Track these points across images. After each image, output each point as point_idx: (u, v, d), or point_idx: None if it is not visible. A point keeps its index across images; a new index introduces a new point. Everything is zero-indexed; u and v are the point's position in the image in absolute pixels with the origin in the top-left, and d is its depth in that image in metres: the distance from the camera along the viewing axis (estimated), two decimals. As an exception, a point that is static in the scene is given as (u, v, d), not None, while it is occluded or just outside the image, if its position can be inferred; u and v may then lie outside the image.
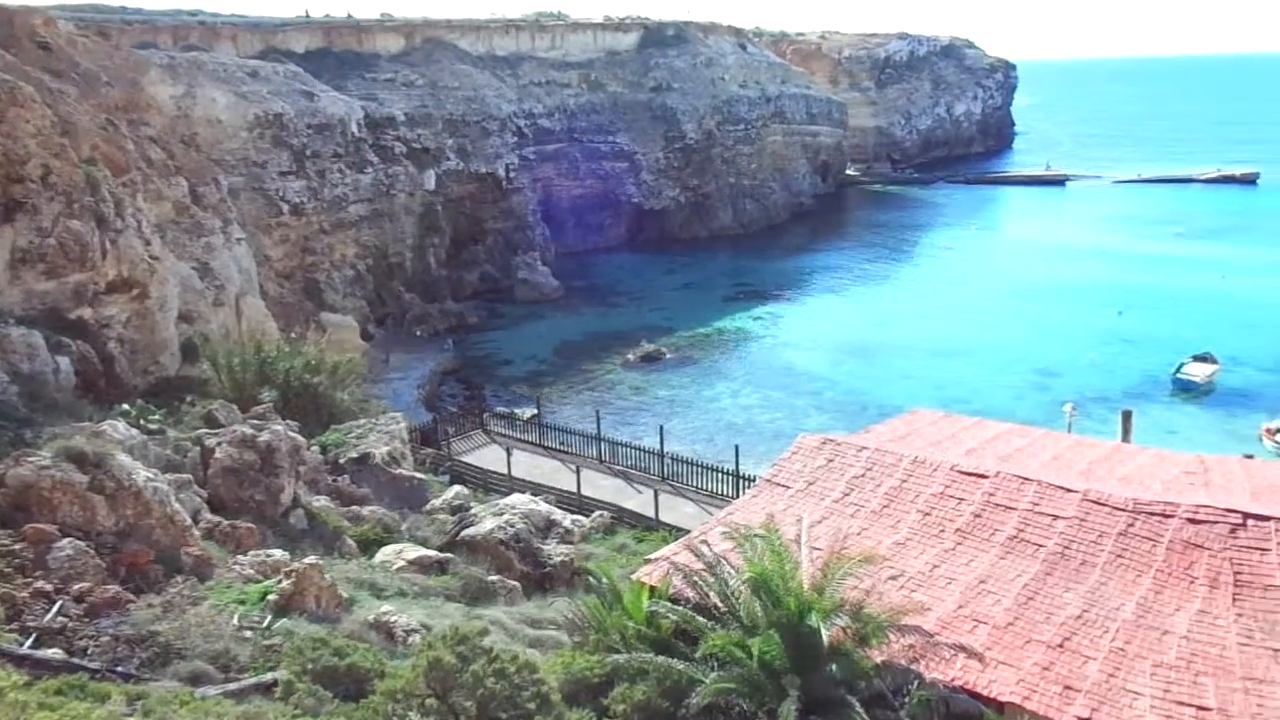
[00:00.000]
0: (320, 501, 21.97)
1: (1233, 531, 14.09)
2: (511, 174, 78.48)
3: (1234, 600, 13.19)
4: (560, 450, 35.76)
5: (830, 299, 72.84)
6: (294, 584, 14.24)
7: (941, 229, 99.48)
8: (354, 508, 22.75)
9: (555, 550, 23.26)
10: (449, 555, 20.90)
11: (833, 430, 35.15)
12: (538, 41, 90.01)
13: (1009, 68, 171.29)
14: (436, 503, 25.64)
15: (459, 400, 50.14)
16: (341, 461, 25.43)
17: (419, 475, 27.41)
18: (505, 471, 32.80)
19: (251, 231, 49.08)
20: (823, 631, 11.23)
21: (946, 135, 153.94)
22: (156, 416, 22.72)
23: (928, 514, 15.73)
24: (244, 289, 36.62)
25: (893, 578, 14.06)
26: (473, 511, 24.47)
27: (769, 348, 60.72)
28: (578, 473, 31.81)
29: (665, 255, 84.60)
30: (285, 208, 57.65)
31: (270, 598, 14.14)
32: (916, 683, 11.60)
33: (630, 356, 57.40)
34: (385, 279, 64.81)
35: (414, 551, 20.27)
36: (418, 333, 61.74)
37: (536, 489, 30.53)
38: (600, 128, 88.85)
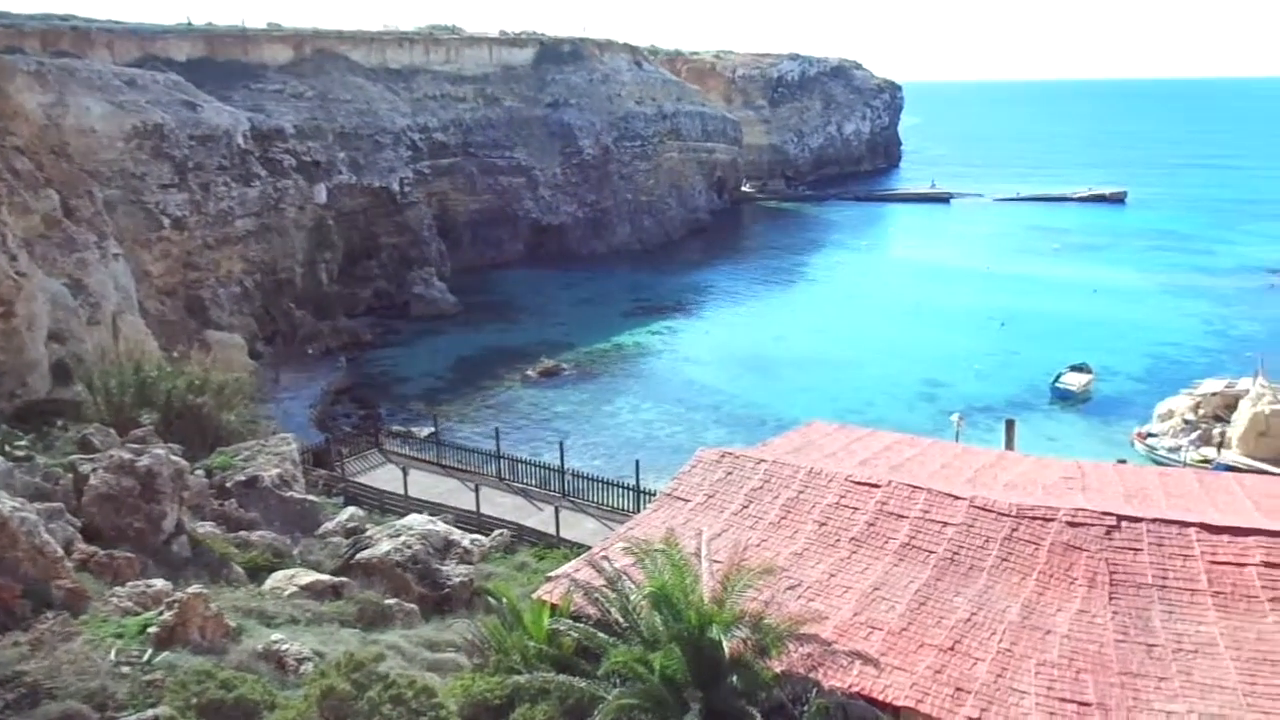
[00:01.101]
0: (206, 527, 21.04)
1: (1108, 533, 14.79)
2: (406, 188, 77.27)
3: (1110, 599, 13.83)
4: (459, 469, 35.24)
5: (728, 313, 73.87)
6: (176, 615, 13.57)
7: (834, 245, 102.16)
8: (242, 533, 21.86)
9: (454, 571, 22.80)
10: (343, 579, 20.26)
11: (732, 443, 35.54)
12: (432, 55, 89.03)
13: (895, 89, 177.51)
14: (330, 525, 24.86)
15: (353, 419, 48.89)
16: (228, 485, 24.42)
17: (311, 498, 26.54)
18: (402, 492, 32.14)
19: (130, 246, 46.97)
20: (723, 644, 11.30)
21: (837, 153, 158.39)
22: (23, 442, 21.43)
23: (824, 524, 16.02)
24: (121, 306, 34.94)
25: (791, 588, 14.25)
26: (368, 533, 23.80)
27: (668, 362, 61.17)
28: (477, 491, 31.38)
29: (564, 271, 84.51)
30: (166, 222, 55.34)
31: (151, 630, 13.43)
32: (815, 691, 11.75)
33: (529, 372, 57.01)
34: (274, 295, 62.85)
35: (306, 576, 19.58)
36: (309, 351, 60.04)
37: (434, 509, 29.94)
38: (497, 143, 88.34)
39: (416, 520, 25.28)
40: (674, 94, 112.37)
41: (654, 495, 23.42)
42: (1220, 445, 41.80)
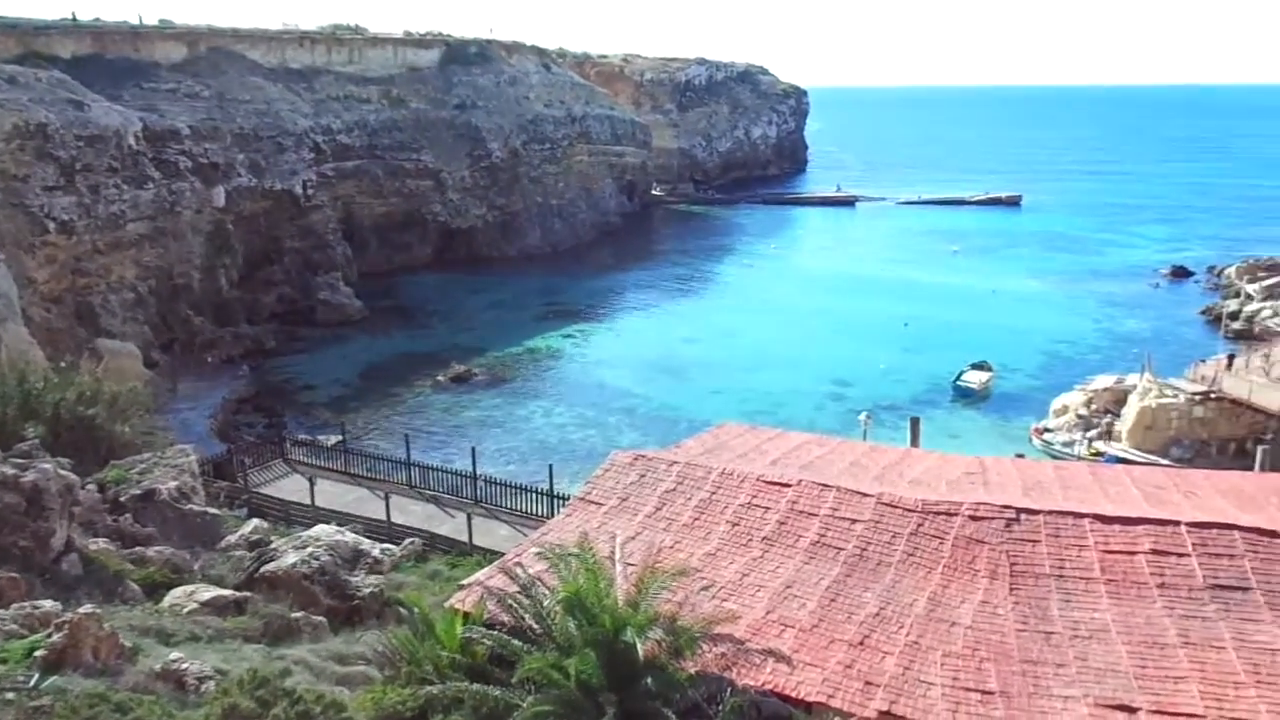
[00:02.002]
0: (99, 544, 20.14)
1: (1008, 526, 15.30)
2: (309, 191, 75.38)
3: (1011, 589, 14.30)
4: (368, 477, 34.55)
5: (640, 316, 74.13)
6: (66, 636, 12.93)
7: (743, 248, 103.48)
8: (138, 549, 20.99)
9: (364, 582, 22.33)
10: (247, 594, 19.64)
11: (645, 446, 35.68)
12: (335, 55, 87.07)
13: (801, 94, 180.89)
14: (232, 539, 24.06)
15: (257, 429, 47.38)
16: (123, 500, 23.42)
17: (212, 510, 25.65)
18: (309, 502, 31.33)
19: (11, 251, 44.72)
20: (638, 646, 11.30)
21: (745, 157, 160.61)
22: (-104, 459, 20.13)
23: (736, 524, 16.18)
24: (3, 314, 33.21)
25: (705, 588, 14.34)
26: (273, 545, 23.12)
27: (581, 366, 61.06)
28: (386, 500, 30.80)
29: (474, 275, 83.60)
30: (52, 226, 52.76)
31: (38, 653, 12.78)
32: (729, 690, 11.85)
33: (440, 378, 56.20)
34: (171, 302, 60.55)
35: (207, 592, 18.91)
36: (209, 359, 58.03)
37: (343, 519, 29.32)
38: (403, 145, 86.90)
39: (324, 531, 24.70)
40: (583, 97, 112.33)
41: (568, 500, 23.31)
42: (1111, 438, 43.71)
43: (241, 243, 68.60)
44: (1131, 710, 11.98)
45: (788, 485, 16.78)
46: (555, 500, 29.74)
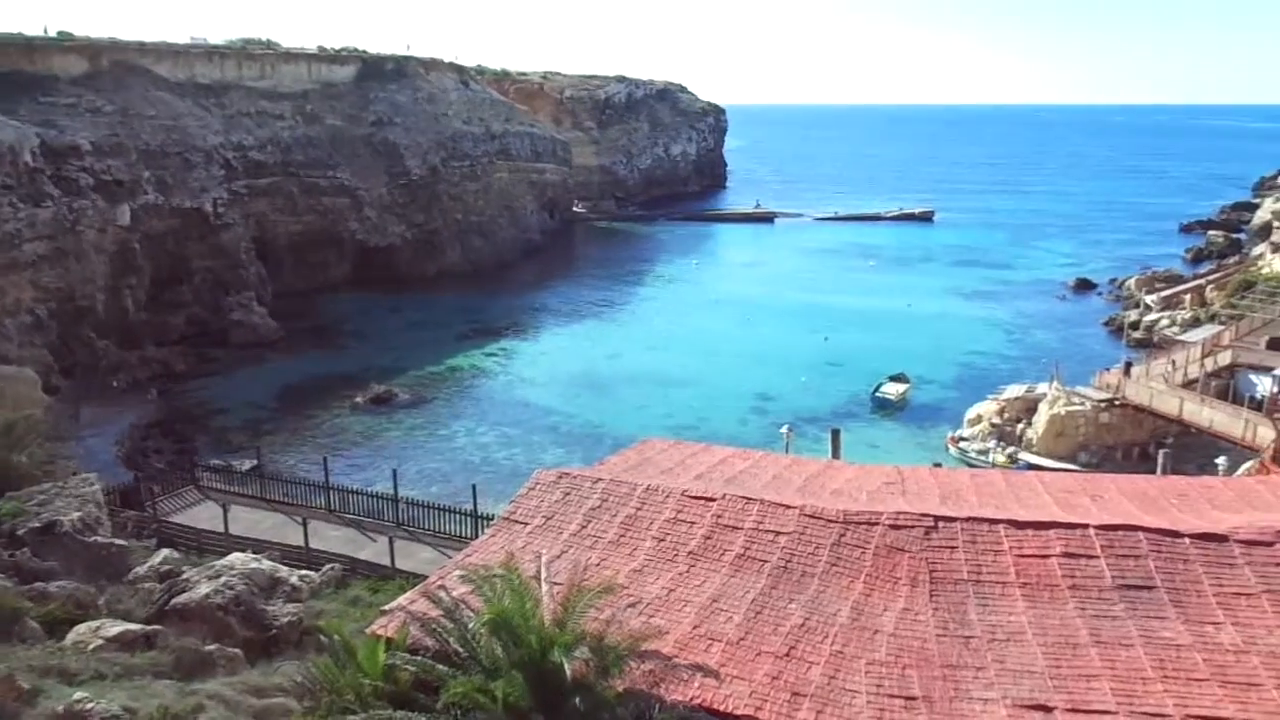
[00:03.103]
0: (-6, 581, 19.17)
1: (927, 534, 15.61)
2: (220, 209, 73.36)
3: (931, 596, 14.58)
4: (285, 502, 33.66)
5: (563, 334, 73.93)
6: (-41, 681, 12.26)
7: (665, 264, 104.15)
8: (38, 584, 20.05)
9: (282, 610, 21.69)
10: (157, 628, 18.90)
11: (570, 463, 35.56)
12: (246, 70, 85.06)
13: (719, 111, 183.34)
14: (141, 570, 23.17)
15: (167, 455, 45.77)
16: (20, 533, 22.37)
17: (119, 542, 24.68)
18: (222, 530, 30.37)
19: (-100, 274, 42.42)
20: (565, 666, 11.19)
21: (665, 174, 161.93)
22: None
23: (662, 540, 16.18)
24: (-110, 340, 31.50)
25: (631, 605, 14.28)
26: (185, 576, 22.31)
27: (504, 384, 60.56)
28: (305, 525, 30.04)
29: (393, 294, 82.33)
30: (-56, 246, 50.35)
31: (-73, 701, 12.08)
32: (658, 707, 11.81)
33: (359, 399, 55.11)
34: (72, 324, 58.16)
35: (114, 627, 18.14)
36: (115, 383, 55.90)
37: (259, 546, 28.45)
38: (319, 162, 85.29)
39: (239, 559, 23.95)
40: (502, 114, 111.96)
41: (492, 520, 23.03)
42: (1023, 446, 45.04)
43: (148, 262, 66.31)
44: (1047, 709, 12.29)
45: (712, 500, 16.86)
46: (479, 521, 29.36)
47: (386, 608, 15.16)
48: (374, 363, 62.44)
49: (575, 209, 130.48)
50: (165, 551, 25.61)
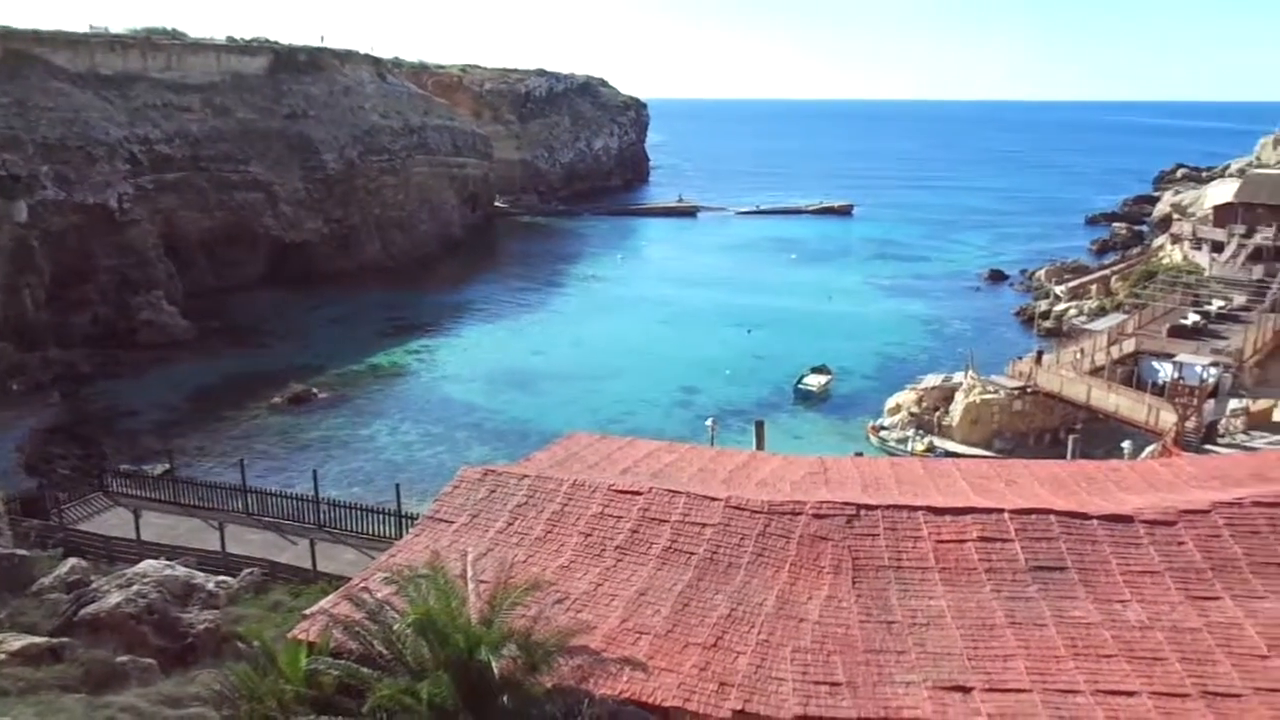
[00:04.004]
0: (-115, 597, 18.20)
1: (849, 522, 15.90)
2: (126, 205, 70.70)
3: (854, 583, 14.87)
4: (200, 507, 32.67)
5: (486, 329, 73.23)
6: None
7: (589, 258, 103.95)
8: (-66, 600, 19.10)
9: (198, 618, 21.07)
10: (65, 640, 18.18)
11: (495, 460, 35.25)
12: (151, 61, 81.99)
13: (641, 106, 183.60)
14: (47, 581, 22.25)
15: (72, 461, 43.96)
16: (-86, 546, 21.27)
17: (22, 552, 23.66)
18: (134, 536, 29.31)
19: None
20: (493, 664, 11.09)
21: (588, 169, 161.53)
22: None
23: (589, 535, 16.17)
24: None
25: (559, 601, 14.24)
26: (94, 586, 21.51)
27: (427, 381, 59.73)
28: (221, 529, 29.20)
29: (310, 291, 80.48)
30: None
31: None
32: (587, 702, 11.80)
33: (277, 399, 53.74)
34: (-31, 326, 55.51)
35: (18, 641, 17.40)
36: (14, 386, 53.48)
37: (173, 552, 27.63)
38: (230, 156, 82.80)
39: (152, 566, 23.20)
40: (421, 108, 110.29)
41: (416, 519, 22.71)
42: (941, 434, 46.19)
43: (49, 261, 63.54)
44: (966, 690, 12.65)
45: (638, 493, 16.90)
46: (404, 520, 28.91)
47: (308, 611, 14.87)
48: (292, 361, 60.94)
49: (497, 204, 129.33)
50: (73, 561, 24.63)
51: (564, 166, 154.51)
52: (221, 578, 24.58)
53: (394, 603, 12.77)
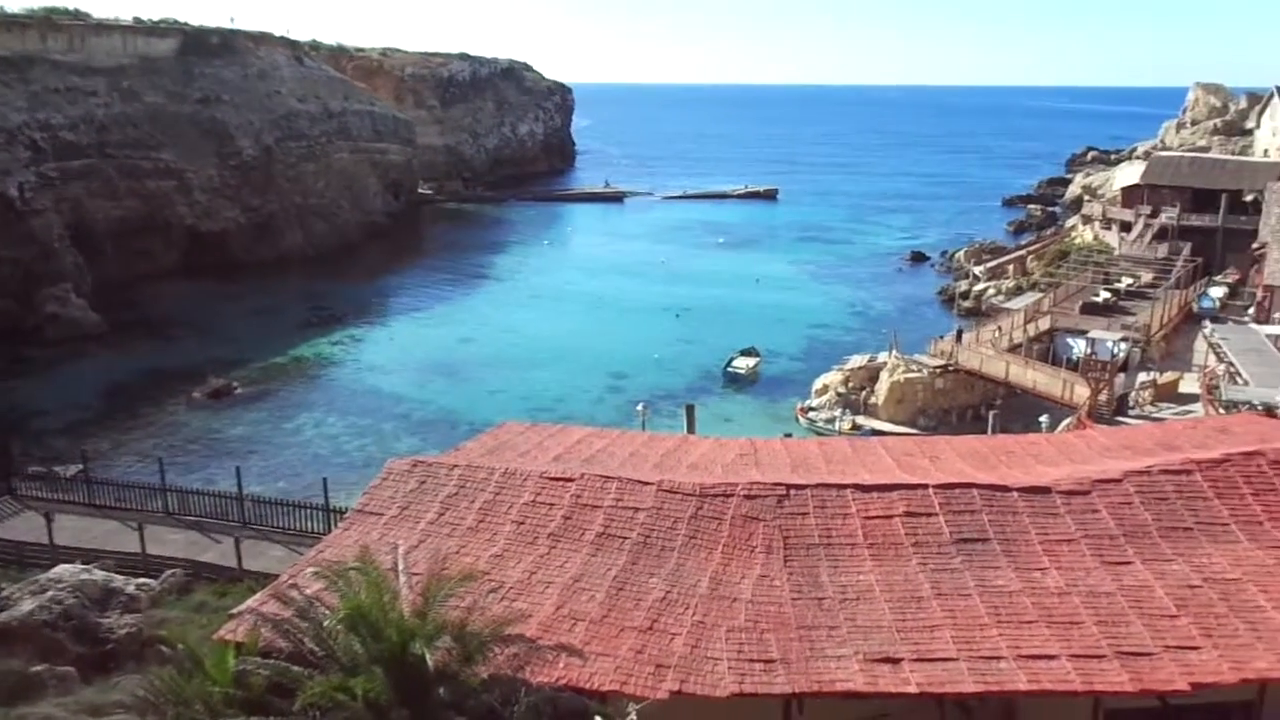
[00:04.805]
0: None
1: (779, 502, 16.12)
2: (27, 194, 67.75)
3: (785, 562, 15.09)
4: (117, 508, 31.65)
5: (413, 318, 72.23)
6: None
7: (516, 245, 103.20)
8: None
9: (118, 623, 20.46)
10: (-25, 650, 17.48)
11: (424, 451, 34.84)
12: (51, 42, 78.49)
13: (566, 90, 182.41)
14: (-47, 590, 21.32)
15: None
16: None
17: (-75, 560, 22.63)
18: (46, 541, 28.28)
19: None
20: (427, 657, 10.98)
21: (513, 154, 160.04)
22: None
23: (521, 523, 16.11)
24: None
25: (493, 590, 14.15)
26: (4, 593, 20.71)
27: (352, 372, 58.70)
28: (140, 530, 28.35)
29: (229, 281, 78.31)
30: None
31: None
32: (523, 690, 11.77)
33: (196, 394, 52.29)
34: None
35: (-76, 654, 16.67)
36: (-86, 387, 51.08)
37: (89, 555, 26.78)
38: (139, 142, 79.97)
39: (67, 571, 22.44)
40: (340, 92, 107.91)
41: (345, 513, 22.35)
42: (867, 413, 47.10)
43: (-53, 254, 60.74)
44: (895, 661, 12.95)
45: (571, 480, 16.89)
46: (332, 515, 28.43)
47: (235, 611, 14.54)
48: (211, 354, 59.23)
49: (421, 190, 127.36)
50: (-19, 567, 23.70)
51: (489, 152, 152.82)
52: (142, 580, 23.93)
53: (324, 598, 12.54)
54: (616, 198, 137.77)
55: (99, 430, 47.59)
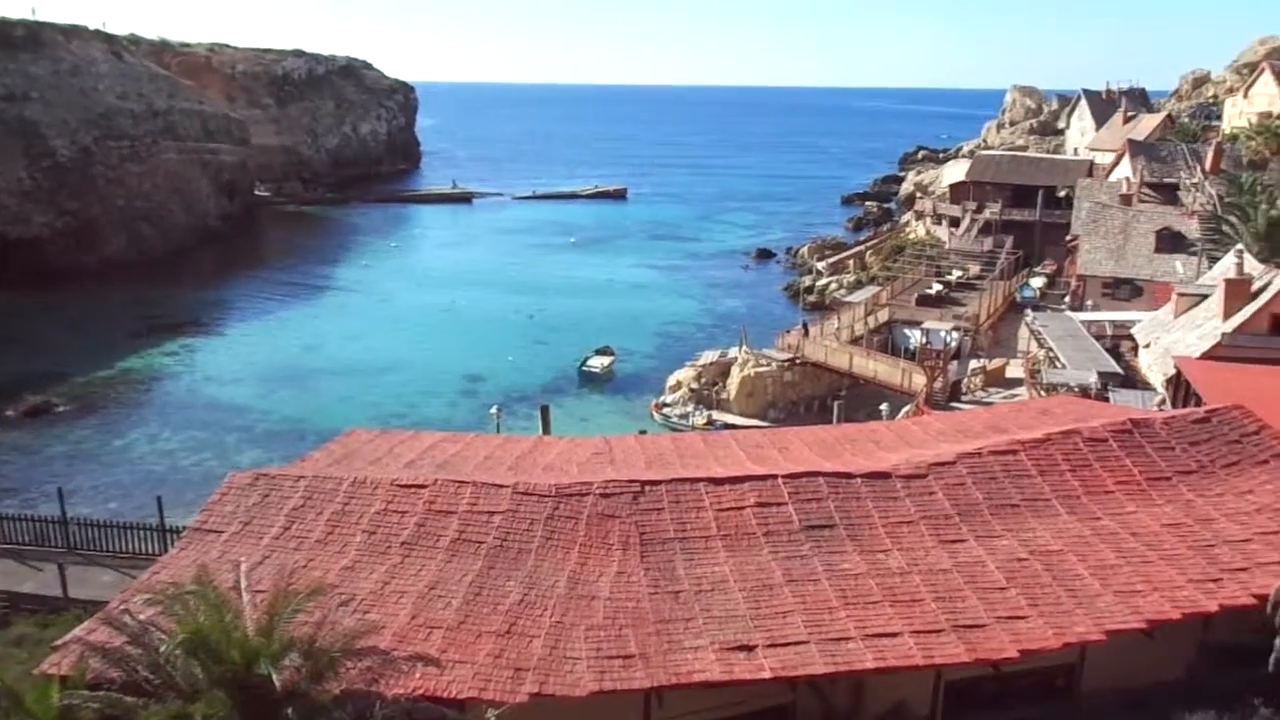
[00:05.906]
0: None
1: (635, 499, 16.28)
2: None
3: (642, 557, 15.26)
4: (-80, 539, 28.87)
5: (253, 326, 69.02)
6: None
7: (361, 248, 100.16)
8: None
9: (-76, 664, 18.67)
10: None
11: (269, 463, 33.41)
12: None
13: (408, 89, 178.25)
14: None
15: None
16: None
17: None
18: None
19: None
20: (274, 676, 10.56)
21: (356, 154, 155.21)
22: None
23: (373, 533, 15.69)
24: None
25: (344, 603, 13.75)
26: None
27: (188, 384, 55.59)
28: (-52, 562, 26.00)
29: (44, 291, 72.53)
30: None
31: None
32: (378, 704, 11.47)
33: (10, 413, 48.35)
34: None
35: None
36: None
37: (-112, 593, 24.31)
38: (-63, 142, 73.31)
39: None
40: (165, 90, 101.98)
41: (182, 532, 21.18)
42: (719, 407, 48.12)
43: None
44: (750, 648, 13.31)
45: (423, 486, 16.57)
46: (168, 535, 26.83)
47: (59, 642, 13.60)
48: (25, 370, 54.79)
49: (258, 192, 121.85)
50: None
51: (329, 152, 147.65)
52: (-49, 616, 21.92)
53: (160, 623, 11.87)
54: (465, 199, 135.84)
55: (-104, 457, 43.41)
